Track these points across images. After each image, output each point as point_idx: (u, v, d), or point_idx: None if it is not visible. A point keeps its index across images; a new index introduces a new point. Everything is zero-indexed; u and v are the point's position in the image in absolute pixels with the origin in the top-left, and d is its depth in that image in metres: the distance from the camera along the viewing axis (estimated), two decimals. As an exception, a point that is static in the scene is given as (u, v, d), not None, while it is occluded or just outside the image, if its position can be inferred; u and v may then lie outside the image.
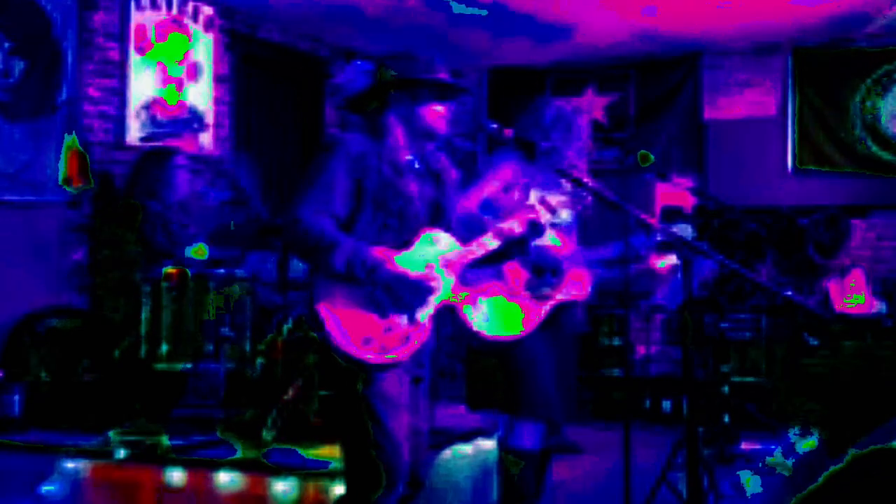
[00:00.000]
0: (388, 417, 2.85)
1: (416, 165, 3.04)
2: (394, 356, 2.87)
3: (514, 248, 3.29)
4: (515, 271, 3.74)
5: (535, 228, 3.24)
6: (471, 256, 3.06)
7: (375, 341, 2.85)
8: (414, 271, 2.90)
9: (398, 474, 2.86)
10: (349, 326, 2.84)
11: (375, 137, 2.99)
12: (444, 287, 2.97)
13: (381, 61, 3.06)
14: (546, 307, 3.75)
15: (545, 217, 3.24)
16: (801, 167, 8.08)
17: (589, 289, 3.87)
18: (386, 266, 2.84)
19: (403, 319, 2.89)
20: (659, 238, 3.72)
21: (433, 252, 2.98)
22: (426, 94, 3.03)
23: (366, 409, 2.85)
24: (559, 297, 3.78)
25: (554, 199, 3.30)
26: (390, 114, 3.02)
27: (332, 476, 3.84)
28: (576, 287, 3.83)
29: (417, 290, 2.89)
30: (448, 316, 3.21)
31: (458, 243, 3.04)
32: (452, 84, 3.09)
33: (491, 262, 3.27)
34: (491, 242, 3.09)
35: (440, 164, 3.12)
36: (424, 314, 2.92)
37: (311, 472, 3.93)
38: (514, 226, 3.15)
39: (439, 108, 3.04)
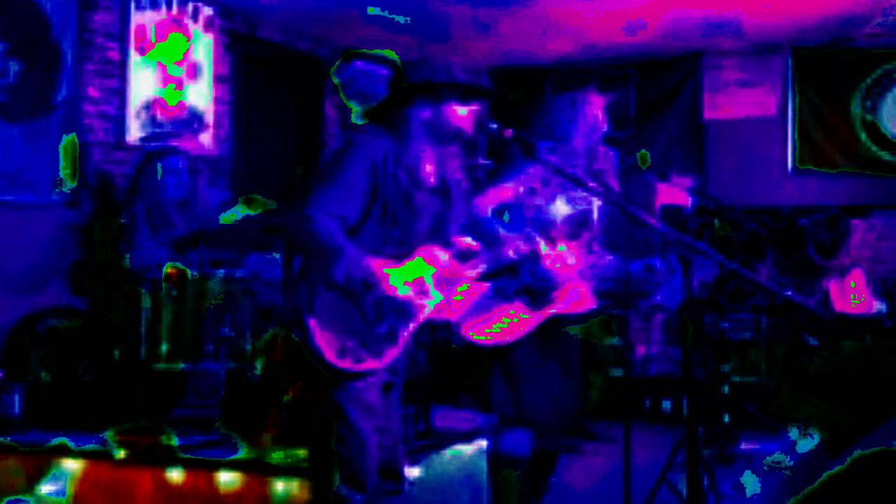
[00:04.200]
0: (358, 420, 2.92)
1: (432, 180, 3.04)
2: (368, 366, 2.91)
3: (506, 271, 3.31)
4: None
5: (533, 257, 3.27)
6: (463, 277, 3.08)
7: (352, 352, 2.89)
8: (405, 292, 2.91)
9: (365, 473, 2.92)
10: (331, 335, 2.88)
11: (398, 142, 2.98)
12: (431, 304, 2.99)
13: (398, 68, 3.06)
14: (537, 319, 3.73)
15: (544, 249, 3.27)
16: (801, 167, 8.08)
17: (591, 303, 3.84)
18: (381, 286, 2.86)
19: (383, 335, 2.91)
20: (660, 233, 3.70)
21: (427, 269, 2.99)
22: (448, 97, 3.02)
23: (334, 410, 2.91)
24: (553, 310, 3.76)
25: (559, 226, 3.31)
26: (414, 120, 3.01)
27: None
28: (575, 301, 3.79)
29: (404, 313, 2.93)
30: (427, 326, 3.23)
31: (451, 262, 3.05)
32: (474, 85, 3.09)
33: (482, 280, 3.29)
34: (483, 267, 3.12)
35: (455, 179, 3.12)
36: (405, 332, 2.94)
37: (303, 471, 3.93)
38: (510, 252, 3.19)
39: (462, 109, 3.04)
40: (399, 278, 2.91)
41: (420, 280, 2.96)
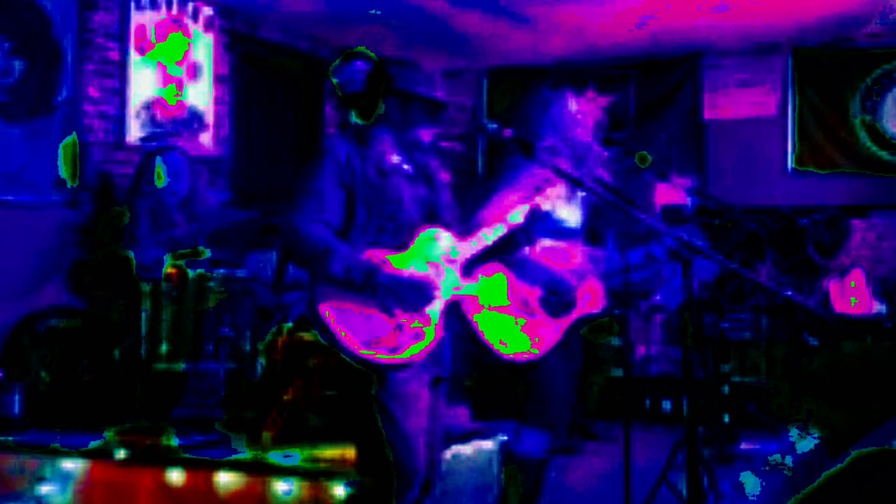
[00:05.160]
0: (403, 418, 2.84)
1: (405, 167, 3.03)
2: (405, 354, 2.85)
3: (518, 236, 3.28)
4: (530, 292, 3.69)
5: (536, 216, 3.24)
6: (471, 250, 3.06)
7: (385, 341, 2.83)
8: (413, 271, 2.90)
9: (413, 475, 2.85)
10: (356, 327, 2.83)
11: (360, 143, 2.99)
12: (448, 282, 2.97)
13: (381, 65, 3.05)
14: (564, 325, 3.71)
15: (545, 205, 3.24)
16: (801, 167, 8.08)
17: (602, 302, 3.82)
18: (383, 270, 2.84)
19: (412, 317, 2.88)
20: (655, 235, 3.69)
21: (434, 249, 2.98)
22: (417, 110, 3.02)
23: (380, 410, 2.84)
24: (575, 314, 3.74)
25: (553, 191, 3.30)
26: (379, 120, 3.02)
27: (332, 476, 3.84)
28: (588, 301, 3.77)
29: (419, 290, 2.89)
30: (459, 314, 3.20)
31: (456, 238, 3.04)
32: (444, 103, 3.08)
33: (496, 253, 3.27)
34: (489, 236, 3.09)
35: (430, 167, 3.12)
36: (433, 311, 2.92)
37: (311, 472, 3.93)
38: (515, 217, 3.15)
39: (428, 126, 3.04)
40: (404, 263, 2.90)
41: (431, 261, 2.95)
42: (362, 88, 3.05)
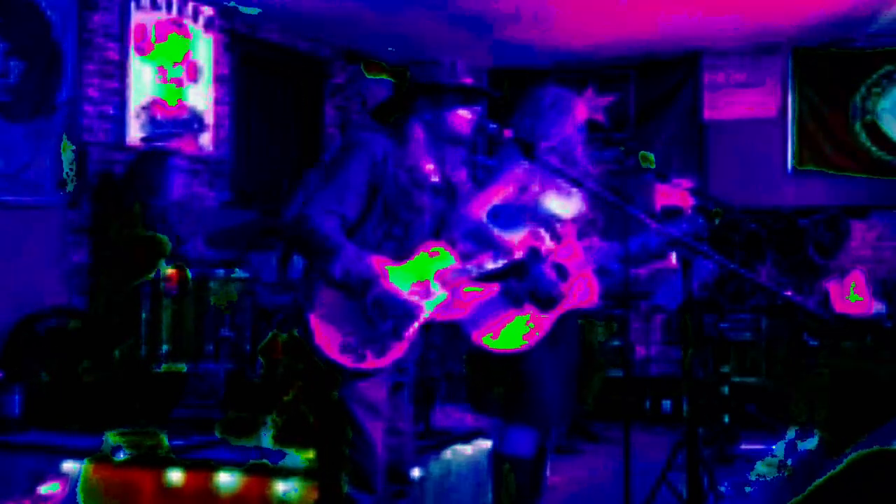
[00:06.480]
0: (364, 420, 2.90)
1: (434, 179, 3.03)
2: (371, 364, 2.89)
3: (511, 271, 3.29)
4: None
5: (536, 255, 3.25)
6: (467, 275, 3.06)
7: (356, 349, 2.87)
8: (406, 289, 2.91)
9: (373, 474, 2.91)
10: (332, 331, 2.87)
11: (398, 142, 2.99)
12: (433, 303, 2.98)
13: (404, 68, 3.07)
14: (551, 319, 3.70)
15: (548, 245, 3.25)
16: (801, 168, 8.09)
17: (596, 297, 3.80)
18: (381, 282, 2.85)
19: (387, 332, 2.90)
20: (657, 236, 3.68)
21: (429, 267, 2.98)
22: (451, 100, 3.02)
23: (342, 412, 2.89)
24: (563, 309, 3.72)
25: (563, 215, 3.30)
26: (414, 120, 3.01)
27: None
28: (582, 295, 3.75)
29: (405, 312, 2.91)
30: (437, 326, 3.22)
31: (456, 260, 3.04)
32: (478, 88, 3.08)
33: (487, 280, 3.27)
34: (489, 265, 3.10)
35: (459, 178, 3.12)
36: (409, 329, 2.94)
37: (311, 472, 3.93)
38: (516, 251, 3.16)
39: (465, 112, 3.04)
40: (400, 276, 2.90)
41: (423, 279, 2.96)
42: (387, 96, 3.08)
